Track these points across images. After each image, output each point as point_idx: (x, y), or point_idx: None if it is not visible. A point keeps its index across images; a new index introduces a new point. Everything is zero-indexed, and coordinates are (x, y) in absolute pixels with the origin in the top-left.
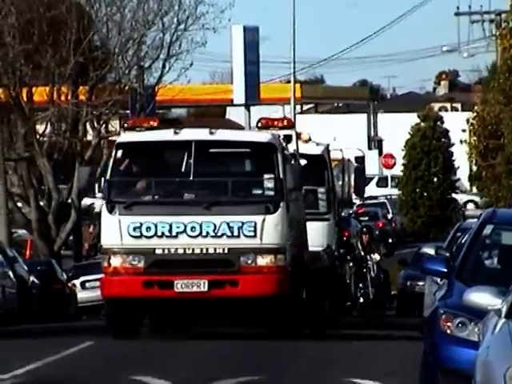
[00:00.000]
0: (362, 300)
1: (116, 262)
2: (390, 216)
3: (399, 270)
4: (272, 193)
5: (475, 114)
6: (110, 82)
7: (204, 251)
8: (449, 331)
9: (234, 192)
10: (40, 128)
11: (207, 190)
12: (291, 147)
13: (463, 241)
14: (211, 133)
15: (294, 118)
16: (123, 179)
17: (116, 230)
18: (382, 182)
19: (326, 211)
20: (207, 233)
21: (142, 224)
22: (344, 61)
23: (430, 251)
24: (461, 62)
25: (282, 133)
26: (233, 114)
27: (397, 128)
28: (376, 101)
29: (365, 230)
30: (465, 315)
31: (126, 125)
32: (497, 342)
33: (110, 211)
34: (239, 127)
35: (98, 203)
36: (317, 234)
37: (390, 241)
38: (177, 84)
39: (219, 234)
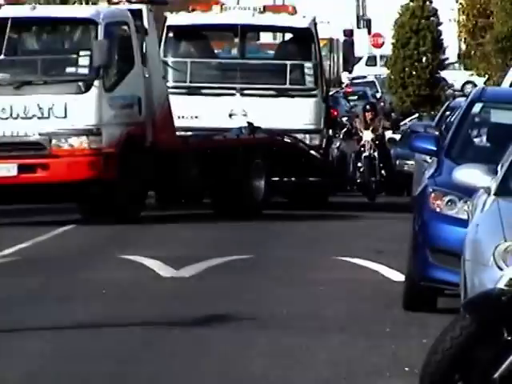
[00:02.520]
0: (359, 180)
1: None
2: (378, 95)
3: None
4: (85, 71)
5: None
6: None
7: (14, 134)
8: (438, 209)
9: (45, 71)
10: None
11: (18, 70)
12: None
13: (452, 119)
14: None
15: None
16: None
17: None
18: (371, 61)
19: (312, 87)
20: (17, 114)
21: None
22: None
23: (419, 130)
24: None
25: (125, 7)
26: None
27: (385, 7)
28: None
29: (368, 107)
30: (454, 193)
31: None
32: (486, 219)
33: None
34: None
35: None
36: (303, 111)
37: (393, 115)
38: None
39: (29, 115)
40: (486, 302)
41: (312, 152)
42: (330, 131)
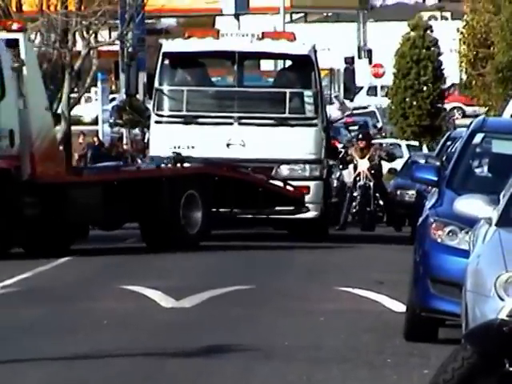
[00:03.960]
0: (354, 210)
1: None
2: (379, 125)
3: (389, 180)
4: None
5: (465, 23)
6: None
7: None
8: (439, 240)
9: None
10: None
11: None
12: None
13: (453, 149)
14: None
15: (283, 28)
16: None
17: None
18: (372, 91)
19: (313, 116)
20: None
21: None
22: None
23: (420, 160)
24: None
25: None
26: (222, 24)
27: (386, 37)
28: (366, 10)
29: (361, 135)
30: (455, 223)
31: None
32: (487, 250)
33: None
34: None
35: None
36: (303, 141)
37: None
38: None
39: None
40: (488, 332)
41: (276, 182)
42: (331, 161)
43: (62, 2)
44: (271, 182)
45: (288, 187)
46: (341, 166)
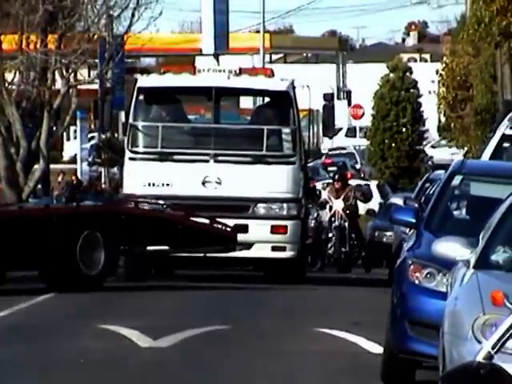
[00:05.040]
0: (330, 251)
1: None
2: (358, 166)
3: (367, 221)
4: None
5: (444, 65)
6: (79, 30)
7: None
8: (417, 282)
9: None
10: (8, 76)
11: None
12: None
13: (432, 191)
14: None
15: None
16: None
17: None
18: (351, 132)
19: (290, 153)
20: None
21: None
22: (313, 11)
23: (399, 202)
24: (430, 12)
25: None
26: (201, 63)
27: (366, 79)
28: (345, 51)
29: (337, 176)
30: (433, 265)
31: None
32: (465, 292)
33: None
34: None
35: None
36: (280, 179)
37: (364, 184)
38: (146, 33)
39: None
40: (465, 374)
41: (194, 219)
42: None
43: (41, 41)
44: (197, 219)
45: (219, 225)
46: (320, 207)
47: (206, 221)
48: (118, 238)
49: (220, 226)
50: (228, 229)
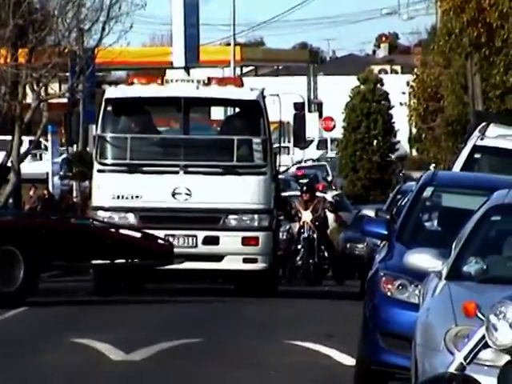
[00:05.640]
0: (299, 263)
1: None
2: (329, 178)
3: (339, 233)
4: None
5: (415, 77)
6: (49, 44)
7: None
8: (389, 293)
9: None
10: None
11: None
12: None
13: (403, 203)
14: None
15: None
16: None
17: None
18: (322, 144)
19: (261, 164)
20: None
21: None
22: (284, 23)
23: (370, 213)
24: (400, 24)
25: None
26: (171, 76)
27: (337, 90)
28: (316, 63)
29: (305, 187)
30: (405, 277)
31: None
32: (437, 304)
33: None
34: None
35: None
36: (252, 190)
37: (334, 194)
38: (116, 46)
39: None
40: None
41: (125, 233)
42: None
43: (11, 55)
44: (127, 233)
45: (153, 238)
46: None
47: (138, 234)
48: (38, 254)
49: (157, 240)
50: (163, 242)
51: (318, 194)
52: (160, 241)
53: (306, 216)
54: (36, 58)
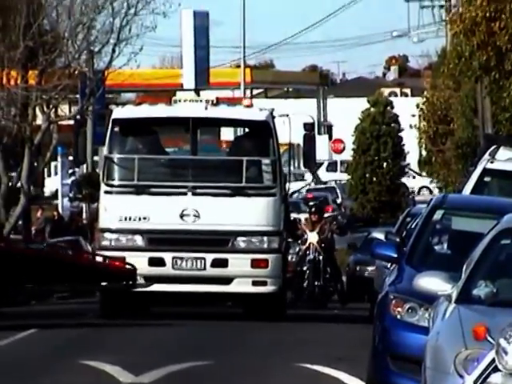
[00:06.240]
0: (304, 284)
1: None
2: (339, 201)
3: (348, 255)
4: None
5: (425, 99)
6: (59, 66)
7: None
8: (399, 316)
9: None
10: None
11: None
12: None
13: (413, 226)
14: None
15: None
16: None
17: None
18: (332, 166)
19: (271, 185)
20: None
21: None
22: (294, 46)
23: (380, 236)
24: (410, 47)
25: None
26: (181, 96)
27: (346, 113)
28: (326, 86)
29: (313, 209)
30: (415, 300)
31: None
32: (447, 327)
33: None
34: None
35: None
36: (261, 211)
37: (340, 218)
38: (126, 68)
39: None
40: None
41: (86, 257)
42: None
43: (22, 76)
44: (86, 256)
45: (118, 262)
46: (299, 241)
47: (100, 259)
48: (4, 278)
49: (118, 263)
50: (125, 265)
51: (326, 214)
52: (121, 264)
53: (312, 237)
54: (46, 80)
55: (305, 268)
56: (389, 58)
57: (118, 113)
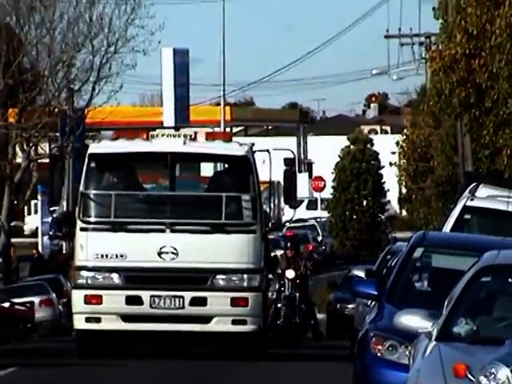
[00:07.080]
0: (279, 321)
1: None
2: (319, 238)
3: (329, 293)
4: None
5: (405, 137)
6: (39, 104)
7: None
8: (379, 354)
9: None
10: None
11: None
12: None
13: (393, 263)
14: None
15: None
16: None
17: None
18: (312, 204)
19: (251, 222)
20: None
21: None
22: (274, 83)
23: (360, 274)
24: (390, 84)
25: None
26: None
27: (327, 151)
28: (306, 123)
29: (289, 244)
30: (395, 338)
31: None
32: (427, 364)
33: None
34: None
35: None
36: (241, 249)
37: (315, 256)
38: (106, 106)
39: None
40: None
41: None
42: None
43: (1, 114)
44: None
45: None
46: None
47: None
48: None
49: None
50: (24, 308)
51: (302, 250)
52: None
53: (288, 274)
54: (26, 118)
55: (279, 305)
56: (369, 96)
57: (94, 148)
